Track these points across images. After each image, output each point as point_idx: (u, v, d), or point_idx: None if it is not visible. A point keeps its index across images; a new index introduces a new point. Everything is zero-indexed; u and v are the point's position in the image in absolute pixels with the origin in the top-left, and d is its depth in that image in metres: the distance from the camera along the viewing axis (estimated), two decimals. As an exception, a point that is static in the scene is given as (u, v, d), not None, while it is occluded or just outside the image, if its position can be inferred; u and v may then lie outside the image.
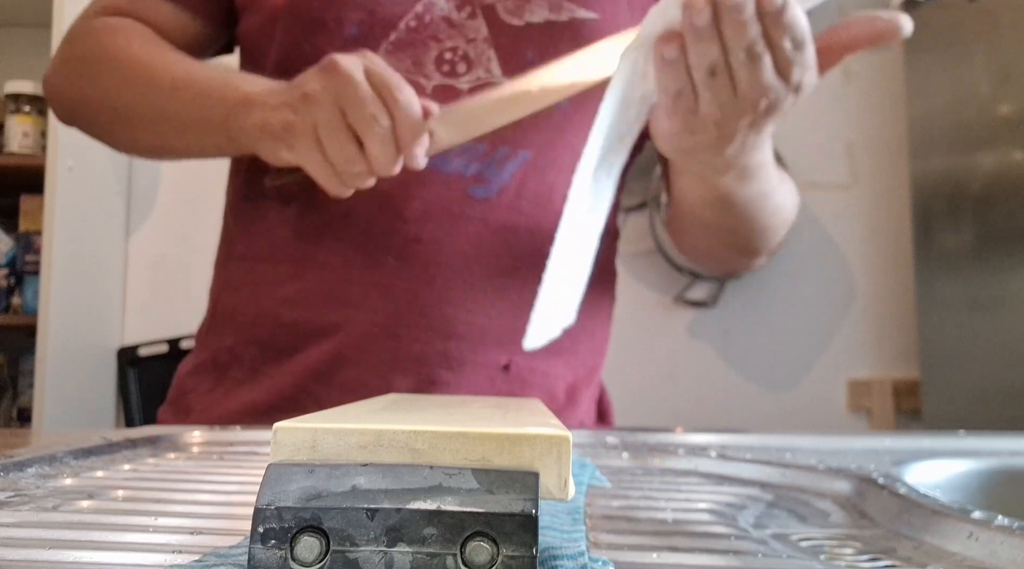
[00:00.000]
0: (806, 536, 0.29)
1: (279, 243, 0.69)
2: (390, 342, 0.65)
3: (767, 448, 0.50)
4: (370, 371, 0.65)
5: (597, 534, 0.28)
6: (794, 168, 1.94)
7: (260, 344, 0.68)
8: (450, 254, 0.66)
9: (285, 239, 0.68)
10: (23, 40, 2.15)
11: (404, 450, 0.22)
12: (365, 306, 0.65)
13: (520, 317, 0.67)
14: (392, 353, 0.65)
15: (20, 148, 1.95)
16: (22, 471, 0.38)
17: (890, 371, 2.02)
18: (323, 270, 0.67)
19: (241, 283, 0.71)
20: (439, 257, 0.66)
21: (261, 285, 0.69)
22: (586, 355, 0.74)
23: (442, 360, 0.65)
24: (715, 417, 1.98)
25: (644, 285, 2.02)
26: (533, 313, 0.52)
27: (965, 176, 1.71)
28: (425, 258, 0.66)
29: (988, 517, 0.27)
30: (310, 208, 0.67)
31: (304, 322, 0.67)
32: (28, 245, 1.97)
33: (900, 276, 1.98)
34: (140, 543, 0.26)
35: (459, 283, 0.66)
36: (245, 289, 0.70)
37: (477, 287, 0.66)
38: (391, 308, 0.65)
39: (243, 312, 0.70)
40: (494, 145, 0.67)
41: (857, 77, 2.09)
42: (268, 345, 0.68)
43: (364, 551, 0.20)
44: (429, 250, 0.66)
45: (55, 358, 1.78)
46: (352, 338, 0.65)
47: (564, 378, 0.72)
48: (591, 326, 0.74)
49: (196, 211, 1.98)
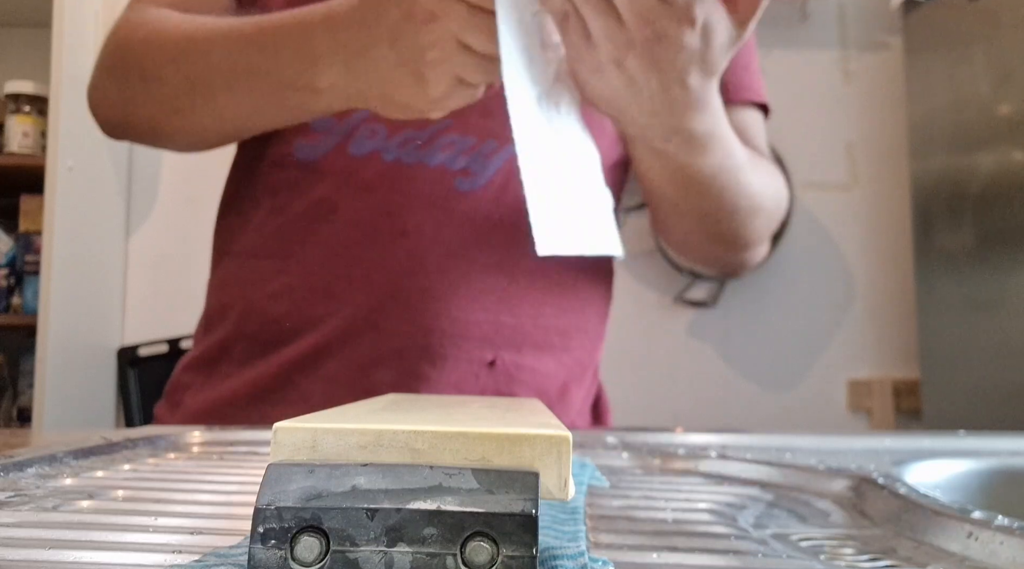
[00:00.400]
0: (806, 536, 0.29)
1: (266, 238, 0.69)
2: (372, 335, 0.65)
3: (767, 448, 0.50)
4: (352, 364, 0.65)
5: (597, 534, 0.28)
6: (794, 168, 1.94)
7: (248, 339, 0.68)
8: (434, 247, 0.65)
9: (273, 234, 0.68)
10: (23, 40, 2.16)
11: (404, 450, 0.22)
12: (348, 299, 0.65)
13: (506, 313, 0.67)
14: (374, 347, 0.65)
15: (20, 148, 1.95)
16: (22, 471, 0.38)
17: (890, 371, 2.02)
18: (308, 264, 0.67)
19: (233, 279, 0.71)
20: (423, 250, 0.65)
21: (250, 281, 0.69)
22: (579, 353, 0.73)
23: (424, 354, 0.65)
24: (715, 417, 1.98)
25: (644, 285, 2.02)
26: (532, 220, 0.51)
27: (965, 176, 1.71)
28: (409, 251, 0.65)
29: (988, 517, 0.27)
30: (296, 203, 0.68)
31: (289, 316, 0.66)
32: (28, 245, 1.97)
33: (900, 276, 1.98)
34: (140, 543, 0.26)
35: (443, 277, 0.65)
36: (236, 285, 0.70)
37: (461, 281, 0.66)
38: (374, 301, 0.65)
39: (233, 308, 0.70)
40: (482, 138, 0.67)
41: (857, 77, 2.09)
42: (255, 340, 0.68)
43: (364, 551, 0.20)
44: (413, 243, 0.65)
45: (55, 358, 1.78)
46: (335, 331, 0.65)
47: (555, 376, 0.71)
48: (583, 323, 0.74)
49: (196, 211, 1.98)
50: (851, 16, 2.11)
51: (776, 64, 1.99)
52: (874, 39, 2.10)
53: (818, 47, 2.10)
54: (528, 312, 0.69)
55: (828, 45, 2.10)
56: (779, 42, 2.06)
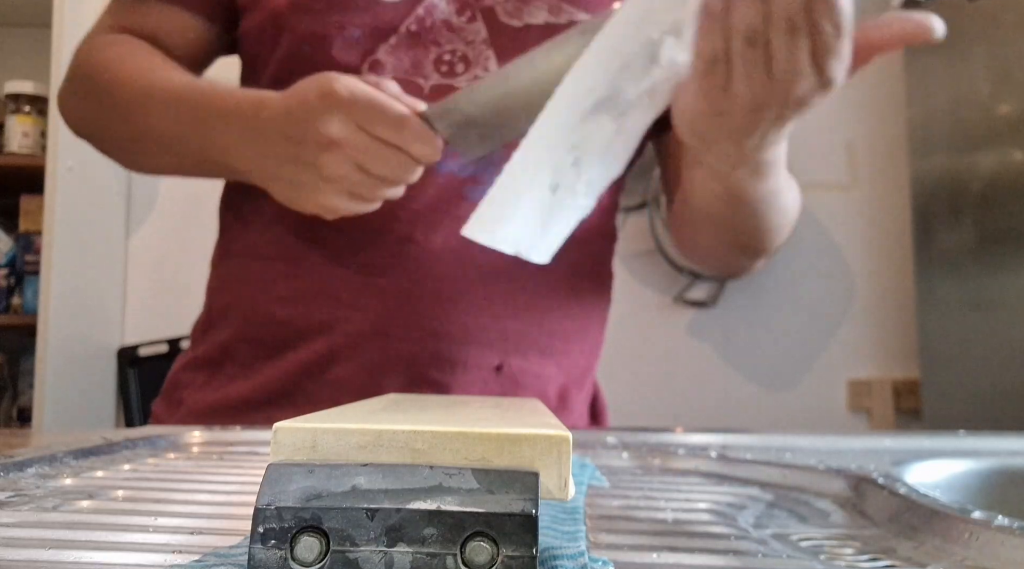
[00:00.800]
0: (806, 536, 0.29)
1: (274, 241, 0.69)
2: (381, 341, 0.65)
3: (767, 448, 0.50)
4: (361, 370, 0.65)
5: (597, 534, 0.28)
6: (794, 168, 1.94)
7: (254, 341, 0.69)
8: (443, 254, 0.66)
9: (279, 237, 0.69)
10: (23, 40, 2.16)
11: (404, 450, 0.22)
12: (358, 305, 0.66)
13: (513, 318, 0.68)
14: (383, 352, 0.65)
15: (20, 148, 1.95)
16: (22, 471, 0.38)
17: (890, 371, 2.02)
18: (317, 268, 0.67)
19: (236, 280, 0.71)
20: (432, 257, 0.66)
21: (256, 282, 0.69)
22: (578, 357, 0.74)
23: (433, 360, 0.65)
24: (715, 417, 1.98)
25: (644, 285, 2.02)
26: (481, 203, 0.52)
27: (965, 176, 1.71)
28: (417, 258, 0.66)
29: (988, 517, 0.27)
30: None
31: (297, 320, 0.67)
32: (28, 245, 1.97)
33: (900, 276, 1.98)
34: (140, 543, 0.26)
35: (451, 283, 0.66)
36: (240, 286, 0.71)
37: (469, 288, 0.66)
38: (383, 307, 0.65)
39: (237, 309, 0.70)
40: None
41: (857, 77, 2.08)
42: (261, 342, 0.68)
43: (364, 551, 0.20)
44: (422, 250, 0.66)
45: (55, 358, 1.78)
46: (344, 336, 0.66)
47: (556, 380, 0.71)
48: (584, 327, 0.74)
49: (196, 211, 1.98)
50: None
51: (776, 64, 1.99)
52: (874, 39, 2.10)
53: (818, 47, 2.09)
54: (534, 318, 0.69)
55: (828, 45, 2.10)
56: (779, 42, 2.06)
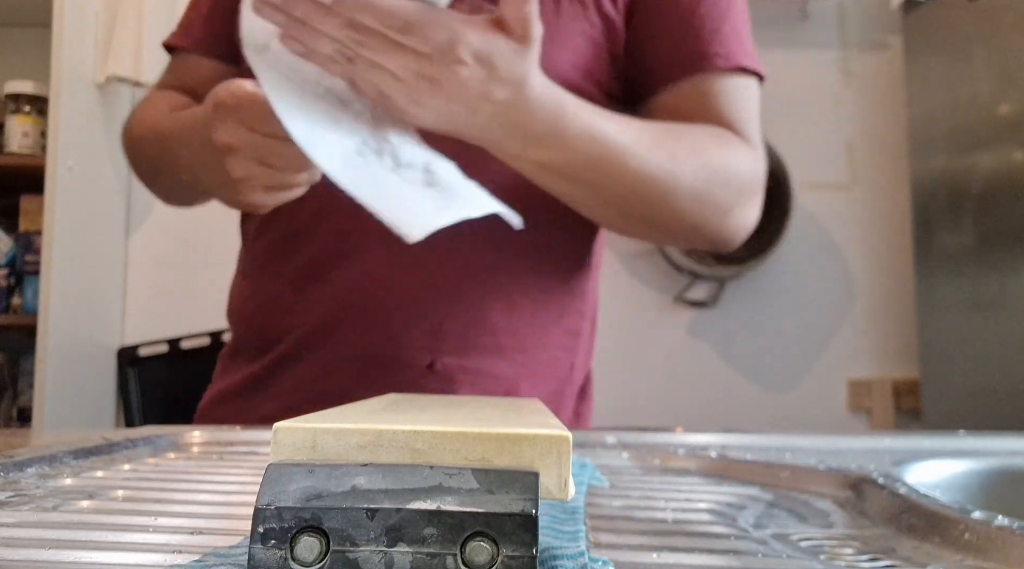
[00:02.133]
0: (806, 536, 0.29)
1: (248, 258, 0.79)
2: (331, 344, 0.72)
3: (767, 448, 0.50)
4: (316, 368, 0.72)
5: (597, 534, 0.28)
6: (794, 168, 1.94)
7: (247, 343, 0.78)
8: (379, 266, 0.71)
9: (255, 256, 0.78)
10: (23, 40, 2.16)
11: (404, 450, 0.22)
12: (306, 315, 0.73)
13: (449, 319, 0.71)
14: (332, 353, 0.72)
15: (20, 148, 1.95)
16: (22, 471, 0.38)
17: (890, 371, 2.02)
18: (277, 284, 0.76)
19: (236, 293, 0.81)
20: (370, 267, 0.71)
21: (243, 296, 0.79)
22: (539, 352, 0.73)
23: (370, 361, 0.71)
24: (715, 417, 1.98)
25: (644, 285, 2.02)
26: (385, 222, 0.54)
27: (965, 176, 1.71)
28: (360, 269, 0.72)
29: (988, 517, 0.27)
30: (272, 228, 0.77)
31: (267, 328, 0.76)
32: (28, 245, 1.97)
33: (900, 276, 1.98)
34: (140, 543, 0.26)
35: (387, 292, 0.71)
36: (236, 299, 0.81)
37: (404, 293, 0.71)
38: (326, 317, 0.73)
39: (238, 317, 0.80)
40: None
41: (857, 77, 2.09)
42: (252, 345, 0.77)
43: (364, 551, 0.20)
44: (363, 262, 0.71)
45: (55, 358, 1.78)
46: (297, 341, 0.74)
47: (508, 378, 0.72)
48: (543, 322, 0.74)
49: (196, 211, 1.97)
50: (851, 16, 2.11)
51: (776, 64, 1.99)
52: (874, 39, 2.10)
53: (818, 47, 2.10)
54: (473, 316, 0.71)
55: (828, 45, 2.10)
56: (779, 42, 2.06)
